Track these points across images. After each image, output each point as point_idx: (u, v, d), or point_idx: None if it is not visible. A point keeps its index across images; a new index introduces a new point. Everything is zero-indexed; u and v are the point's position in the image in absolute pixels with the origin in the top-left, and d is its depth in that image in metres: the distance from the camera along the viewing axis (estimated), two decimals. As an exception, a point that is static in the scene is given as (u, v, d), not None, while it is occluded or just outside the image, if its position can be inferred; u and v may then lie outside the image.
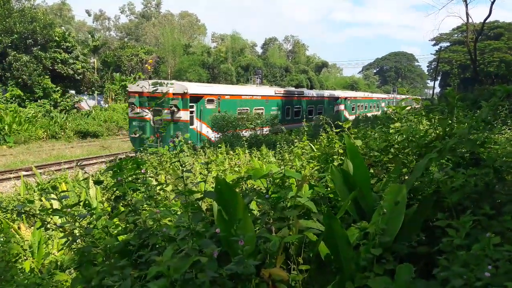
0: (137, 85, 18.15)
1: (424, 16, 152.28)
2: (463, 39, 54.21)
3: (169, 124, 17.28)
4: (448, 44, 79.22)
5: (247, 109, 22.05)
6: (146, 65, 47.16)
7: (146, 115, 17.91)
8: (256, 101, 23.10)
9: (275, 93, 25.37)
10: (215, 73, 52.95)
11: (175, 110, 17.41)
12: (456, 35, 75.11)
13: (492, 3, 36.07)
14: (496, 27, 67.75)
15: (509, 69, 58.04)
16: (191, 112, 18.15)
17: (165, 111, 17.34)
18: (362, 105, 39.56)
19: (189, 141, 12.46)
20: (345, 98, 34.71)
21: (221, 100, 20.16)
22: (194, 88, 19.01)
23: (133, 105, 18.75)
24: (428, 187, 3.50)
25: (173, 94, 17.53)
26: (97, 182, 3.03)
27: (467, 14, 38.84)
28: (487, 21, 39.63)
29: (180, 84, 18.44)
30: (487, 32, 63.84)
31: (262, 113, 23.02)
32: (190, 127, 17.97)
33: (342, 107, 33.55)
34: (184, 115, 17.63)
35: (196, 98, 18.52)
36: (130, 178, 2.89)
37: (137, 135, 18.13)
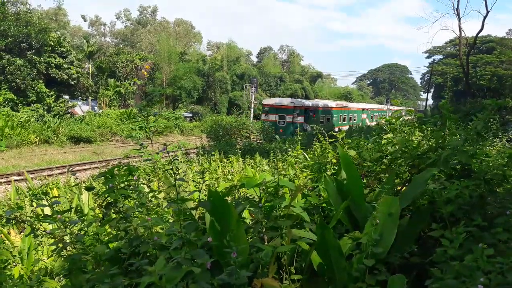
0: (269, 100, 32.11)
1: (418, 29, 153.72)
2: (456, 52, 54.88)
3: (290, 124, 28.86)
4: (441, 57, 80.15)
5: (328, 116, 33.52)
6: (142, 71, 47.10)
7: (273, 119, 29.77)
8: (328, 111, 33.99)
9: (336, 105, 36.39)
10: (210, 80, 52.99)
11: (295, 116, 28.71)
12: (449, 48, 76.05)
13: (484, 18, 36.64)
14: (488, 41, 68.72)
15: (501, 82, 58.78)
16: (304, 117, 29.21)
17: (288, 116, 29.02)
18: (376, 115, 47.65)
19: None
20: (367, 109, 45.20)
21: (314, 110, 31.10)
22: (306, 103, 31.65)
23: (266, 112, 30.56)
24: (421, 198, 3.51)
25: (294, 106, 29.22)
26: (89, 188, 2.99)
27: (460, 28, 39.40)
28: (479, 35, 40.19)
29: (300, 101, 32.11)
30: (480, 46, 64.70)
31: (330, 118, 33.73)
32: (306, 127, 27.61)
33: (365, 116, 43.42)
34: (300, 119, 28.84)
35: (306, 109, 29.93)
36: (122, 185, 2.86)
37: (266, 131, 25.79)
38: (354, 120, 39.49)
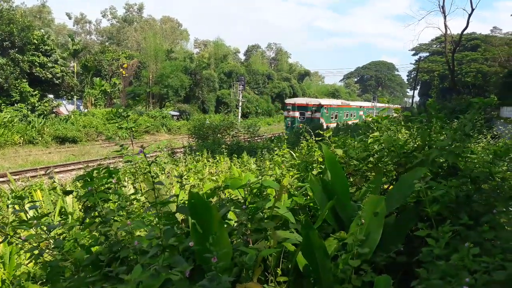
0: (291, 99, 39.87)
1: (404, 26, 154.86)
2: (442, 49, 55.52)
3: (309, 118, 34.90)
4: (427, 54, 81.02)
5: (336, 113, 40.17)
6: (121, 70, 46.47)
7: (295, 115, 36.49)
8: (336, 108, 40.76)
9: (341, 103, 44.64)
10: (197, 79, 52.67)
11: (313, 112, 35.87)
12: (435, 45, 76.89)
13: (469, 15, 37.17)
14: (473, 39, 69.64)
15: (486, 79, 59.65)
16: (320, 113, 35.92)
17: (307, 113, 35.87)
18: (370, 111, 51.80)
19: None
20: (363, 107, 52.03)
21: (327, 107, 38.03)
22: (322, 101, 38.89)
23: (288, 110, 37.16)
24: (408, 197, 3.49)
25: (312, 104, 36.57)
26: (66, 192, 2.90)
27: (446, 26, 39.94)
28: (464, 32, 40.75)
29: (316, 100, 39.86)
30: (465, 43, 65.52)
31: (337, 114, 40.62)
32: (321, 121, 34.91)
33: (361, 112, 49.50)
34: (318, 115, 35.84)
35: (321, 107, 36.44)
36: (102, 188, 2.77)
37: (289, 125, 35.74)
38: (354, 116, 46.89)
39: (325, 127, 29.76)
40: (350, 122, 39.45)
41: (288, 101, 39.67)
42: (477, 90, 61.93)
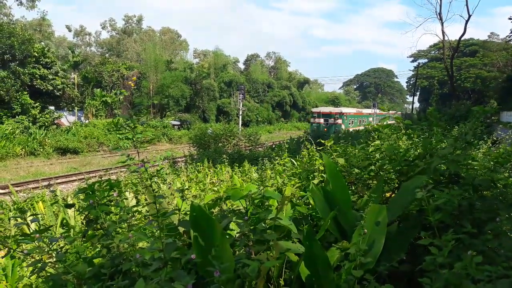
0: (316, 108, 47.69)
1: (402, 33, 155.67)
2: (440, 55, 55.71)
3: (332, 124, 41.72)
4: (425, 60, 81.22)
5: (353, 119, 47.77)
6: (129, 82, 46.75)
7: (320, 121, 43.13)
8: (353, 115, 48.62)
9: (356, 111, 52.45)
10: (197, 88, 52.83)
11: (336, 119, 42.30)
12: (433, 52, 77.10)
13: (466, 21, 37.37)
14: (471, 45, 69.87)
15: (485, 84, 59.73)
16: (342, 120, 42.73)
17: (330, 119, 42.23)
18: (378, 118, 56.31)
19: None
20: (373, 114, 55.68)
21: (347, 115, 45.39)
22: (343, 110, 45.94)
23: (314, 116, 44.03)
24: (411, 205, 3.48)
25: (335, 112, 43.43)
26: (68, 206, 2.90)
27: (443, 32, 40.16)
28: (462, 38, 40.90)
29: (338, 108, 46.70)
30: (463, 49, 65.72)
31: (353, 120, 47.78)
32: (341, 126, 41.82)
33: (371, 119, 53.89)
34: (339, 121, 42.37)
35: (342, 114, 43.46)
36: (104, 200, 2.77)
37: (315, 130, 39.48)
38: (365, 121, 52.01)
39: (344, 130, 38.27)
40: (362, 127, 43.10)
41: (314, 109, 47.82)
42: (477, 96, 62.01)
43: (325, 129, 40.04)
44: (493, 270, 2.26)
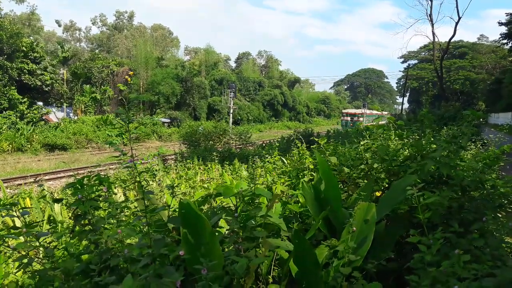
0: (346, 110, 68.28)
1: (393, 34, 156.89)
2: (430, 57, 56.27)
3: (355, 121, 56.88)
4: (416, 61, 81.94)
5: (368, 118, 58.30)
6: (126, 77, 46.30)
7: (345, 119, 61.41)
8: (369, 115, 60.60)
9: (369, 112, 61.31)
10: (188, 86, 52.59)
11: (358, 117, 59.22)
12: (423, 53, 77.85)
13: (456, 23, 37.77)
14: (460, 47, 70.68)
15: (474, 86, 60.46)
16: (363, 118, 57.91)
17: (355, 118, 59.37)
18: (383, 118, 61.36)
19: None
20: (380, 114, 62.06)
21: (366, 115, 60.82)
22: (362, 111, 63.33)
23: (344, 115, 62.73)
24: (400, 204, 3.50)
25: (358, 113, 61.76)
26: (56, 200, 2.86)
27: (433, 34, 40.51)
28: (452, 40, 41.32)
29: (360, 110, 65.79)
30: (453, 51, 66.46)
31: (369, 119, 57.41)
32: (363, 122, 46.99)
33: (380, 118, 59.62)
34: (361, 119, 57.40)
35: (363, 114, 60.25)
36: (92, 195, 2.75)
37: (344, 125, 56.98)
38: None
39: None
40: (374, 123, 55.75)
41: (344, 110, 67.16)
42: (466, 97, 62.76)
43: (351, 124, 56.52)
44: (479, 268, 2.29)
